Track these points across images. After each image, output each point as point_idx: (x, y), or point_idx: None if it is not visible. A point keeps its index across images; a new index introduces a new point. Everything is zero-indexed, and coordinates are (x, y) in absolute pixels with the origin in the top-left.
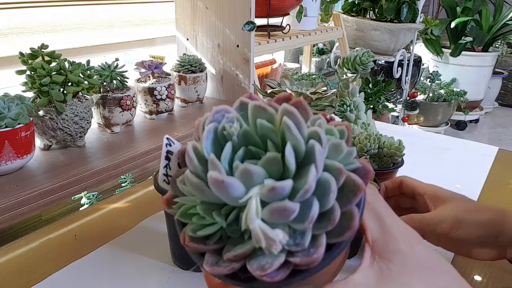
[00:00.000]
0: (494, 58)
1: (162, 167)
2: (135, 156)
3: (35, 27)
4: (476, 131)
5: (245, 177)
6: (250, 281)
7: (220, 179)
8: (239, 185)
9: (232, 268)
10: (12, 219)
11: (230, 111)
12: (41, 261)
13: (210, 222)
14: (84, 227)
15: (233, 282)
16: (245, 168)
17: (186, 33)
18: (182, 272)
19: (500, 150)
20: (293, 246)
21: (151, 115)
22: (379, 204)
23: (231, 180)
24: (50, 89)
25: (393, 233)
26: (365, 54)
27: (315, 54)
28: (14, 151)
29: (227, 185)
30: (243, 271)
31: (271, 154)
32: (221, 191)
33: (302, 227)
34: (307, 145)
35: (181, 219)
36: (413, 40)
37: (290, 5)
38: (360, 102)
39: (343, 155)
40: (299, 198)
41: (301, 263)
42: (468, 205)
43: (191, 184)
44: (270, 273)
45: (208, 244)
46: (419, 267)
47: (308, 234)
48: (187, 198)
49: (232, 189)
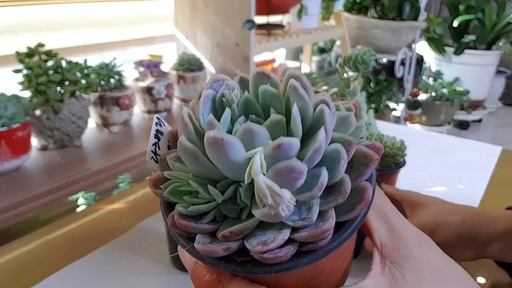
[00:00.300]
0: (497, 57)
1: (151, 145)
2: (133, 156)
3: (32, 25)
4: (479, 130)
5: (247, 138)
6: (247, 265)
7: (220, 137)
8: (240, 145)
9: (228, 247)
10: (9, 220)
11: (230, 80)
12: (38, 263)
13: (204, 199)
14: (81, 228)
15: (227, 267)
16: (248, 127)
17: (185, 31)
18: (180, 274)
19: (503, 150)
20: (298, 221)
21: (150, 115)
22: (386, 206)
23: (232, 139)
24: (47, 88)
25: (404, 236)
26: (366, 52)
27: (316, 52)
28: (10, 151)
29: (227, 145)
30: (240, 254)
31: (275, 117)
32: (220, 153)
33: (310, 196)
34: (315, 111)
35: (171, 198)
36: (415, 39)
37: (291, 3)
38: (361, 102)
39: (352, 129)
40: (308, 161)
41: (309, 236)
42: (444, 208)
43: (185, 151)
44: (273, 250)
45: (200, 223)
46: (434, 274)
47: (316, 207)
48: (179, 173)
49: (232, 150)
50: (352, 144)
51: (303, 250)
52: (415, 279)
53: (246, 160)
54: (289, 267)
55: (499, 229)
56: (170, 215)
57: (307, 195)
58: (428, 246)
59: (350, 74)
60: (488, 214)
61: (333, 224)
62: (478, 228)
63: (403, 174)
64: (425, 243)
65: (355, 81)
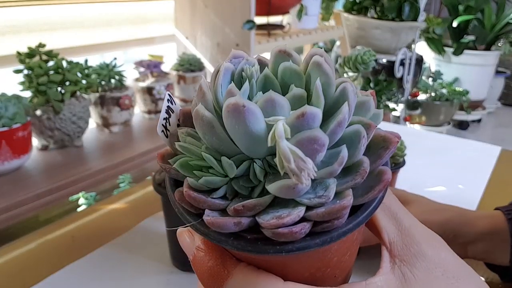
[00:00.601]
0: (497, 57)
1: (162, 119)
2: (133, 156)
3: (33, 25)
4: (478, 130)
5: (268, 107)
6: (258, 243)
7: (241, 103)
8: (261, 114)
9: (239, 222)
10: (9, 220)
11: (250, 57)
12: (38, 263)
13: (216, 174)
14: (82, 228)
15: (236, 245)
16: (270, 96)
17: (186, 31)
18: (181, 274)
19: (503, 150)
20: (315, 199)
21: (150, 115)
22: (395, 204)
23: (253, 106)
24: (48, 88)
25: (414, 234)
26: (366, 53)
27: None
28: (11, 151)
29: (248, 112)
30: (250, 231)
31: (297, 90)
32: (239, 121)
33: (330, 171)
34: (337, 88)
35: (181, 171)
36: (415, 39)
37: (291, 3)
38: None
39: (371, 114)
40: (330, 134)
41: (326, 213)
42: (428, 206)
43: (202, 119)
44: (288, 225)
45: (211, 197)
46: (446, 274)
47: (333, 186)
48: (191, 146)
49: (253, 118)
50: (371, 127)
51: (317, 230)
52: (426, 278)
53: (265, 133)
54: (301, 247)
55: (481, 228)
56: (177, 190)
57: (327, 169)
58: (439, 245)
59: (350, 74)
60: (472, 214)
61: (351, 202)
62: (460, 227)
63: (403, 174)
64: (436, 242)
65: (355, 81)
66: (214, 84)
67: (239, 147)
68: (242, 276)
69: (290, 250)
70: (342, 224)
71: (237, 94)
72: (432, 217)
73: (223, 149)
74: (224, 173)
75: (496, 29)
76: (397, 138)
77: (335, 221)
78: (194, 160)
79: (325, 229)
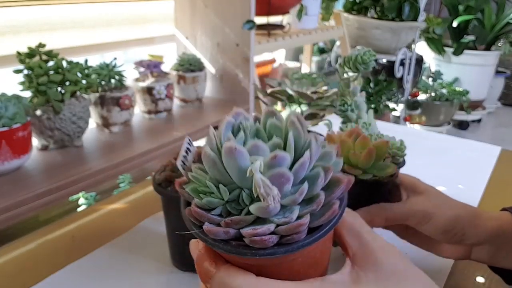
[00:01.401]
0: (497, 57)
1: (182, 156)
2: (133, 156)
3: (33, 25)
4: (478, 130)
5: (253, 150)
6: (240, 247)
7: (233, 146)
8: (247, 155)
9: (227, 231)
10: (9, 220)
11: (247, 114)
12: (38, 263)
13: (215, 197)
14: (82, 228)
15: (223, 247)
16: (254, 143)
17: (186, 31)
18: (181, 273)
19: (503, 150)
20: (282, 219)
21: (150, 115)
22: (357, 222)
23: (241, 149)
24: (48, 88)
25: (372, 246)
26: (366, 53)
27: (316, 53)
28: (11, 151)
29: (238, 153)
30: (236, 240)
31: (276, 139)
32: (231, 159)
33: (293, 199)
34: (306, 142)
35: (192, 194)
36: (415, 39)
37: (291, 3)
38: (361, 102)
39: (332, 162)
40: (294, 172)
41: (288, 229)
42: (440, 200)
43: (207, 157)
44: (260, 235)
45: (210, 214)
46: (395, 276)
47: (296, 211)
48: (200, 176)
49: (241, 157)
50: (329, 170)
51: (283, 242)
52: (376, 278)
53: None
54: (270, 253)
55: (489, 231)
56: (187, 208)
57: (291, 198)
58: (393, 254)
59: (350, 74)
60: (482, 215)
61: (307, 222)
62: (470, 228)
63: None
64: (390, 251)
65: (355, 81)
66: (219, 132)
67: (233, 178)
68: (225, 271)
69: (262, 254)
70: (301, 239)
71: (232, 140)
72: (442, 211)
73: (222, 179)
74: (221, 197)
75: (496, 29)
76: (348, 180)
77: (295, 235)
78: (201, 186)
79: (289, 241)
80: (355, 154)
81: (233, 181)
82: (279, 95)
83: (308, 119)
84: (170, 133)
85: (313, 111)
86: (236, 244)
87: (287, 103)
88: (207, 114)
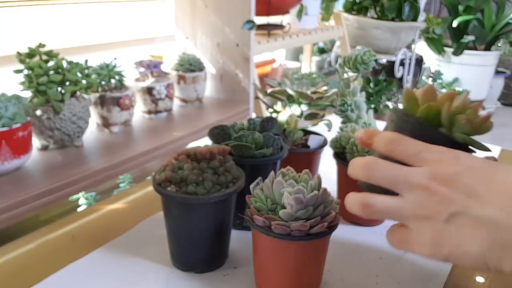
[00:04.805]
0: (497, 57)
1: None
2: (133, 156)
3: (33, 26)
4: None
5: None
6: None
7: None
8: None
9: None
10: (9, 220)
11: None
12: (38, 263)
13: (265, 207)
14: (82, 228)
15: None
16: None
17: (186, 32)
18: (181, 274)
19: (503, 150)
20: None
21: (150, 115)
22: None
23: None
24: (48, 88)
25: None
26: (366, 53)
27: (316, 53)
28: (11, 151)
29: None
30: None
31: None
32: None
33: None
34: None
35: (255, 207)
36: (414, 39)
37: (291, 3)
38: (361, 102)
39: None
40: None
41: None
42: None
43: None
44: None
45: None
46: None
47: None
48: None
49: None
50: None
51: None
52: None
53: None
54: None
55: None
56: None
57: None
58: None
59: (350, 74)
60: None
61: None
62: None
63: None
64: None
65: (355, 81)
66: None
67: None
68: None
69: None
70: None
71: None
72: None
73: (271, 201)
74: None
75: (496, 29)
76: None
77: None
78: (260, 205)
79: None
80: (470, 121)
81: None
82: (279, 95)
83: (308, 119)
84: (170, 133)
85: (313, 111)
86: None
87: (287, 103)
88: (207, 114)
